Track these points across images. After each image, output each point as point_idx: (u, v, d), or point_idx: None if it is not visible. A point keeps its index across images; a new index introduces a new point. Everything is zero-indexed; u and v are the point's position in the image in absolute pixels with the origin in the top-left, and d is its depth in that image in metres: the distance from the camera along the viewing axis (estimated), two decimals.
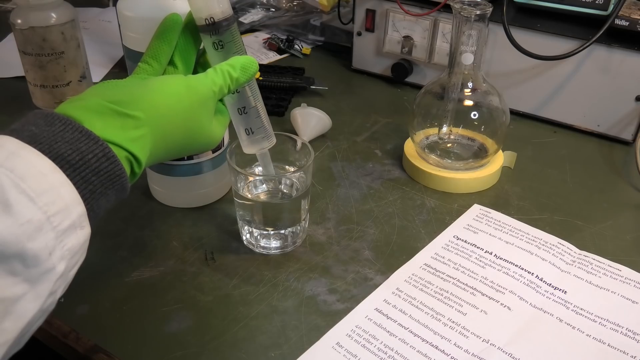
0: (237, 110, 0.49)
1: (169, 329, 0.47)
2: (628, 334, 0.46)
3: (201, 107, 0.43)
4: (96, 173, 0.36)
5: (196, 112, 0.43)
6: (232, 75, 0.45)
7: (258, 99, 0.49)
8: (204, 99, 0.43)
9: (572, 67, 0.73)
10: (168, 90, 0.42)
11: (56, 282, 0.34)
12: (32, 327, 0.34)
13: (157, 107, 0.41)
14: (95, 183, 0.36)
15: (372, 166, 0.68)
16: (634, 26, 0.68)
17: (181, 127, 0.43)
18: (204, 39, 0.46)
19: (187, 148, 0.45)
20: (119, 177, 0.38)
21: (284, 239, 0.54)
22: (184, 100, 0.42)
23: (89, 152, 0.36)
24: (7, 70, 0.87)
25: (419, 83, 0.85)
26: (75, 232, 0.35)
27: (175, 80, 0.43)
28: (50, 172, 0.34)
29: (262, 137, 0.50)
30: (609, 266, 0.53)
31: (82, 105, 0.38)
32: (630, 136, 0.73)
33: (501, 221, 0.59)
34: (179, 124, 0.42)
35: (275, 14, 1.08)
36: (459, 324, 0.47)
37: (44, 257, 0.32)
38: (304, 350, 0.45)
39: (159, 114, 0.41)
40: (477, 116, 0.64)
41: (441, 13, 0.78)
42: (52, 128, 0.36)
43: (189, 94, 0.43)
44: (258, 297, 0.50)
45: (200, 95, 0.43)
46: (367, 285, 0.51)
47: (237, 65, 0.45)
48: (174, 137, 0.42)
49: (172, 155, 0.45)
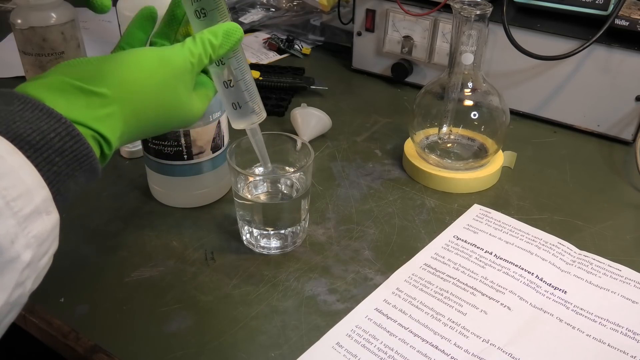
0: (223, 84, 0.46)
1: (169, 329, 0.47)
2: (628, 334, 0.46)
3: (177, 80, 0.40)
4: (60, 153, 0.33)
5: (171, 86, 0.40)
6: (213, 42, 0.41)
7: (246, 70, 0.46)
8: (179, 71, 0.40)
9: (572, 67, 0.73)
10: (138, 63, 0.39)
11: (23, 272, 0.31)
12: (1, 322, 0.32)
13: (126, 83, 0.38)
14: (60, 164, 0.34)
15: (372, 166, 0.68)
16: (634, 26, 0.67)
17: (155, 103, 0.39)
18: (186, 6, 0.43)
19: (163, 125, 0.42)
20: (87, 157, 0.35)
21: (284, 239, 0.54)
22: (156, 74, 0.39)
23: (51, 131, 0.33)
24: (7, 70, 0.87)
25: (419, 83, 0.85)
26: (40, 218, 0.32)
27: (146, 52, 0.40)
28: (7, 154, 0.31)
29: (250, 112, 0.47)
30: (609, 266, 0.53)
31: (44, 83, 0.36)
32: (630, 136, 0.73)
33: (501, 221, 0.59)
34: (152, 100, 0.39)
35: (275, 14, 1.08)
36: (459, 324, 0.47)
37: (5, 245, 0.30)
38: (304, 350, 0.45)
39: (128, 90, 0.38)
40: (477, 116, 0.64)
41: (441, 13, 0.78)
42: (10, 107, 0.33)
43: (162, 66, 0.40)
44: (258, 297, 0.50)
45: (176, 67, 0.40)
46: (367, 285, 0.51)
47: (219, 31, 0.42)
48: (148, 114, 0.39)
49: (147, 133, 0.42)
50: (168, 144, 0.56)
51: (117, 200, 0.62)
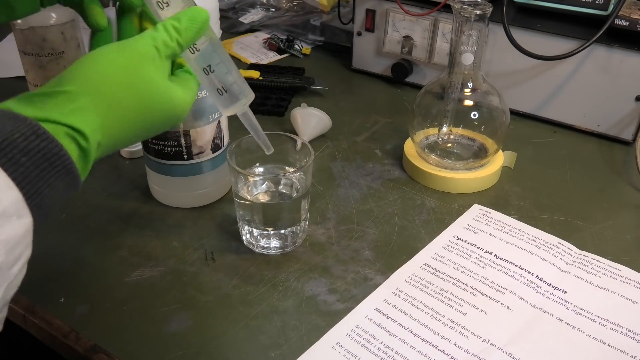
0: (203, 71, 0.44)
1: (169, 329, 0.47)
2: (628, 334, 0.46)
3: (143, 65, 0.39)
4: (26, 153, 0.32)
5: (137, 71, 0.39)
6: (177, 26, 0.41)
7: (223, 53, 0.45)
8: (143, 56, 0.40)
9: (572, 67, 0.73)
10: (99, 55, 0.39)
11: None
12: None
13: (90, 75, 0.38)
14: (27, 165, 0.32)
15: (372, 166, 0.68)
16: (634, 26, 0.67)
17: (125, 91, 0.39)
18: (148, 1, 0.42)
19: (149, 118, 0.40)
20: (57, 155, 0.33)
21: (284, 239, 0.54)
22: (117, 61, 0.39)
23: (15, 131, 0.32)
24: (7, 70, 0.87)
25: (419, 83, 0.85)
26: (9, 222, 0.30)
27: (106, 47, 0.40)
28: None
29: (238, 94, 0.46)
30: (609, 266, 0.53)
31: (11, 99, 0.36)
32: (630, 136, 0.73)
33: (501, 221, 0.59)
34: (121, 88, 0.38)
35: (275, 14, 1.08)
36: (459, 324, 0.47)
37: None
38: (304, 350, 0.45)
39: (93, 81, 0.37)
40: (477, 116, 0.64)
41: (441, 13, 0.78)
42: None
43: (123, 53, 0.39)
44: (258, 297, 0.50)
45: (138, 52, 0.40)
46: (367, 285, 0.51)
47: (182, 15, 0.41)
48: (122, 102, 0.38)
49: (137, 130, 0.40)
50: (168, 143, 0.56)
51: (117, 200, 0.62)
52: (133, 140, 0.41)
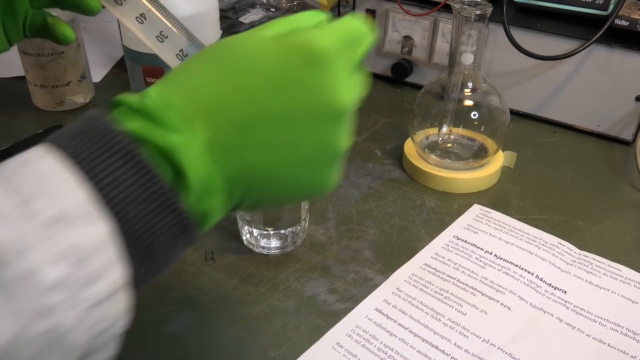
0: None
1: (169, 329, 0.47)
2: (628, 334, 0.46)
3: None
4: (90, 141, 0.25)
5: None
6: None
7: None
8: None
9: (572, 67, 0.73)
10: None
11: (47, 294, 0.22)
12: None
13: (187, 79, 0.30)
14: (95, 154, 0.25)
15: (372, 166, 0.68)
16: (634, 26, 0.67)
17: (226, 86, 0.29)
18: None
19: (285, 117, 0.30)
20: (123, 141, 0.25)
21: (284, 239, 0.54)
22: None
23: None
24: (7, 70, 0.87)
25: (419, 83, 0.85)
26: (72, 226, 0.23)
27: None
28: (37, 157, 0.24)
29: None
30: (609, 266, 0.53)
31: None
32: (630, 136, 0.73)
33: (501, 221, 0.59)
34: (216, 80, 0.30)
35: (275, 14, 1.08)
36: (459, 324, 0.47)
37: (10, 253, 0.22)
38: (304, 350, 0.45)
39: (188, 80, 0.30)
40: (477, 116, 0.64)
41: (441, 13, 0.78)
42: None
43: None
44: (258, 297, 0.50)
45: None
46: (367, 285, 0.51)
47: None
48: (226, 102, 0.29)
49: (275, 157, 0.30)
50: None
51: None
52: None
